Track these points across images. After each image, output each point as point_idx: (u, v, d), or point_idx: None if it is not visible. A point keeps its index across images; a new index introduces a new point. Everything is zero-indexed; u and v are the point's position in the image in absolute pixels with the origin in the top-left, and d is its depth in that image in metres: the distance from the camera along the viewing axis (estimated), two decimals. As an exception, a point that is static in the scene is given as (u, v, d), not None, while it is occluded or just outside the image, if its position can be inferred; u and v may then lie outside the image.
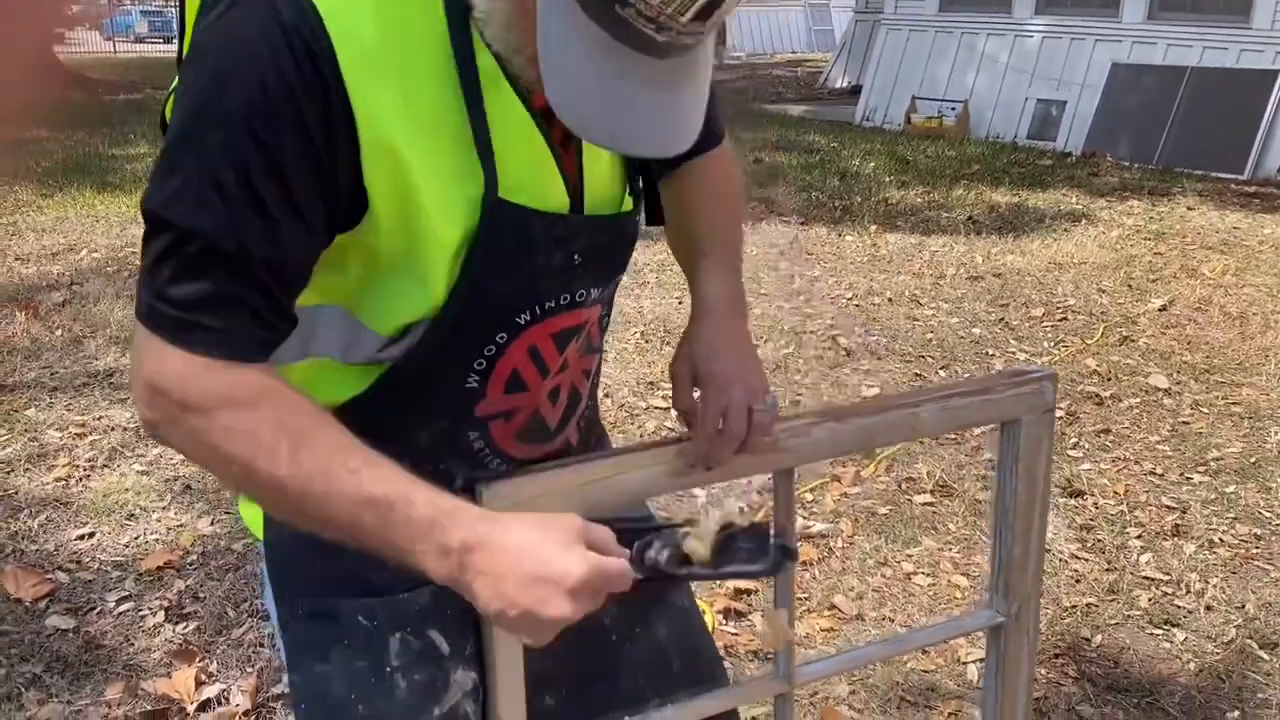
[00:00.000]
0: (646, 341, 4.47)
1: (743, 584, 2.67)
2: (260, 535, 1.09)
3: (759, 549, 0.94)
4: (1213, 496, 3.18)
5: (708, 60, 0.90)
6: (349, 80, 0.84)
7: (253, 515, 1.11)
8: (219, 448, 0.85)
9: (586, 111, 0.84)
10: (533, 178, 0.95)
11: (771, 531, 0.95)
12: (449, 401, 1.02)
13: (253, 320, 0.86)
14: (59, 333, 4.37)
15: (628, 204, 1.07)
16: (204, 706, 2.20)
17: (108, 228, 6.20)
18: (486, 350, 1.00)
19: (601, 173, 1.03)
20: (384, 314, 0.96)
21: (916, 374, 4.19)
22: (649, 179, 1.12)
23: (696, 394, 1.13)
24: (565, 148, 0.99)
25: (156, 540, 2.83)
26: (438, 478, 1.01)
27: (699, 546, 0.92)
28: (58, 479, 3.13)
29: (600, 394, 3.81)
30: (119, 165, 8.19)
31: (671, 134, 0.88)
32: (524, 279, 0.97)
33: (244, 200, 0.83)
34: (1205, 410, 3.83)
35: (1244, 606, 2.62)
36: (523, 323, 1.00)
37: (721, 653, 2.38)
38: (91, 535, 2.84)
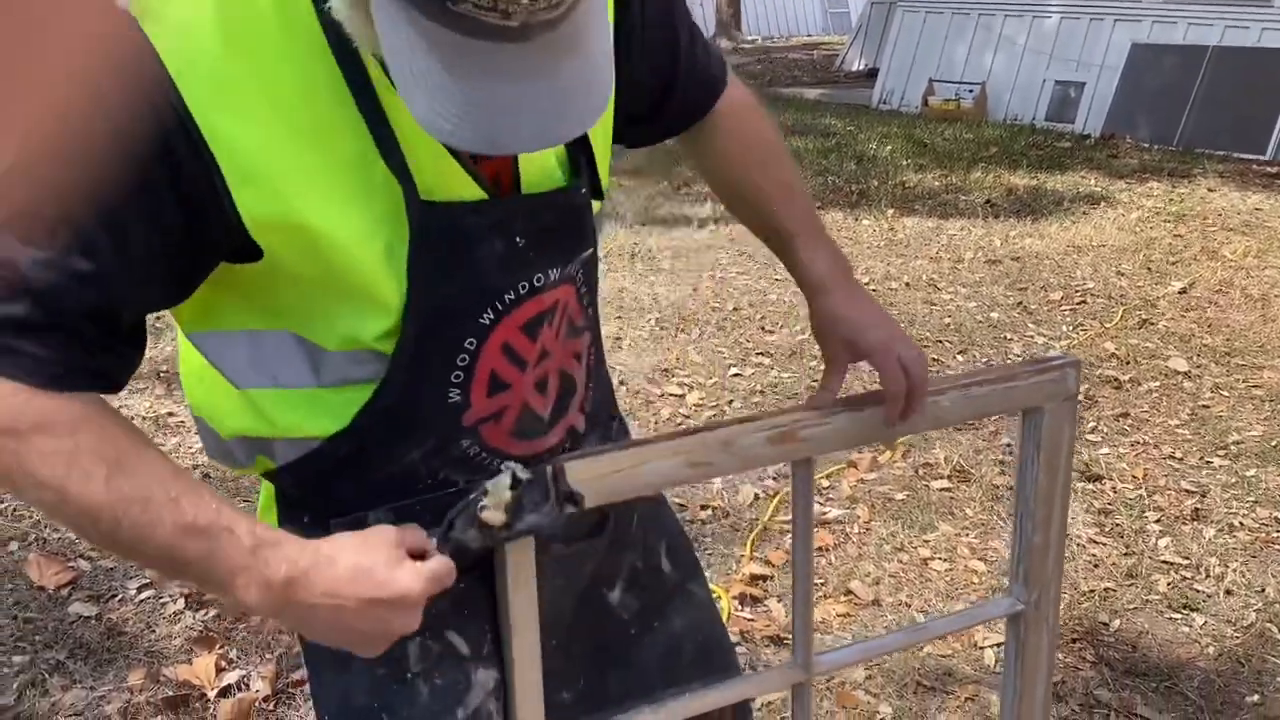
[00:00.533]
0: (661, 329, 4.47)
1: (757, 570, 2.67)
2: None
3: (546, 499, 0.96)
4: (1233, 480, 3.16)
5: (591, 22, 0.81)
6: (196, 115, 0.80)
7: (270, 522, 1.11)
8: (32, 473, 0.81)
9: (456, 122, 0.78)
10: (441, 177, 0.92)
11: (552, 480, 0.96)
12: (435, 419, 0.99)
13: (79, 349, 0.82)
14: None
15: (560, 180, 1.02)
16: (224, 692, 2.22)
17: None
18: (460, 360, 0.97)
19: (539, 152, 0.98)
20: (335, 335, 0.94)
21: (934, 359, 4.17)
22: (588, 151, 1.06)
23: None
24: None
25: (176, 528, 2.85)
26: (437, 488, 1.02)
27: (495, 514, 0.93)
28: (78, 468, 3.16)
29: (615, 381, 3.83)
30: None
31: (561, 119, 0.81)
32: (472, 275, 0.94)
33: (66, 244, 0.79)
34: (1226, 393, 3.80)
35: (1264, 590, 2.60)
36: (487, 323, 0.97)
37: (737, 639, 2.39)
38: (112, 523, 2.87)
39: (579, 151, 1.04)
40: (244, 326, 0.95)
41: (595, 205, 1.07)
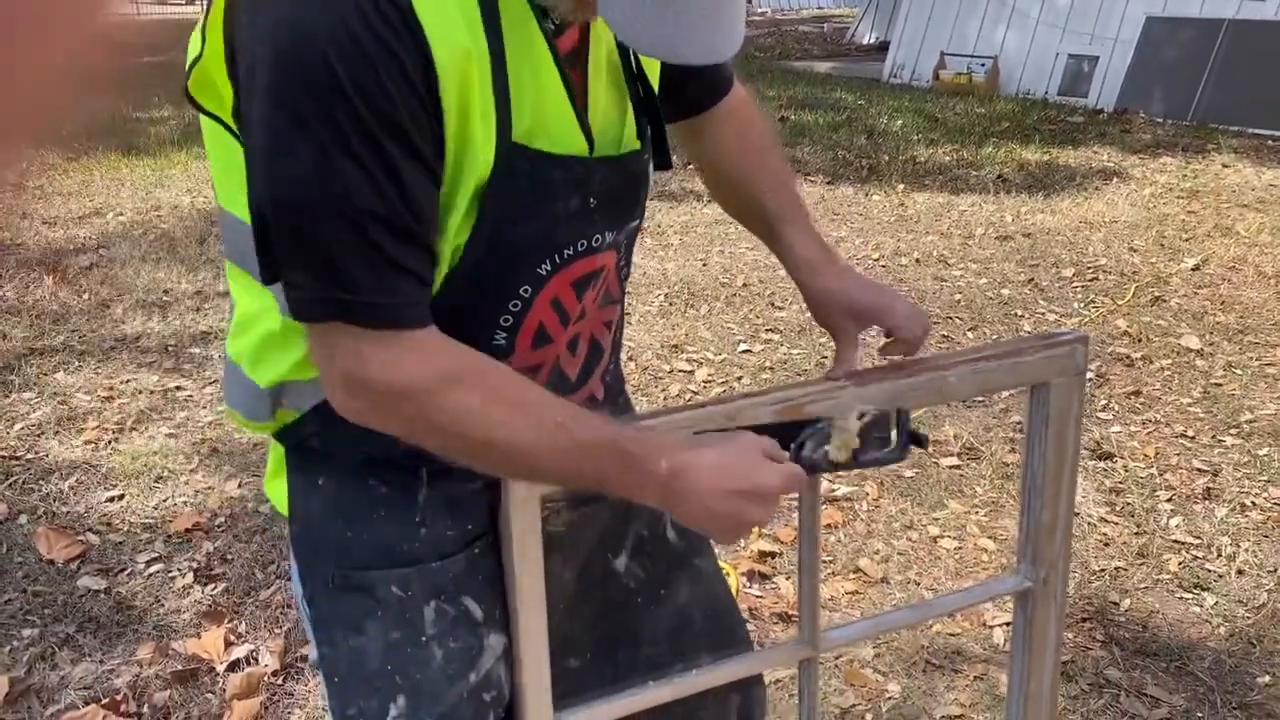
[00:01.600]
0: (670, 304, 4.45)
1: (766, 547, 2.66)
2: (285, 510, 1.09)
3: (889, 438, 1.06)
4: (1245, 459, 3.14)
5: None
6: (423, 18, 0.83)
7: (277, 491, 1.10)
8: (444, 427, 0.89)
9: (646, 27, 0.84)
10: (552, 121, 0.94)
11: (896, 420, 1.06)
12: None
13: (419, 285, 0.88)
14: (86, 297, 4.40)
15: (634, 144, 1.05)
16: (233, 666, 2.23)
17: (133, 191, 6.22)
18: (512, 306, 0.98)
19: (608, 112, 1.02)
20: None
21: (944, 335, 4.15)
22: (657, 121, 1.09)
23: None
24: (581, 89, 0.98)
25: (185, 502, 2.86)
26: None
27: (842, 443, 1.04)
28: (87, 442, 3.16)
29: (624, 356, 3.82)
30: (143, 128, 8.21)
31: (725, 39, 0.88)
32: (543, 225, 0.96)
33: (379, 164, 0.82)
34: (1238, 371, 3.77)
35: (1276, 570, 2.59)
36: (544, 273, 0.99)
37: (746, 616, 2.38)
38: (121, 498, 2.87)
39: (647, 118, 1.06)
40: None
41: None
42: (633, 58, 1.05)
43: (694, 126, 1.24)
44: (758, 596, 2.49)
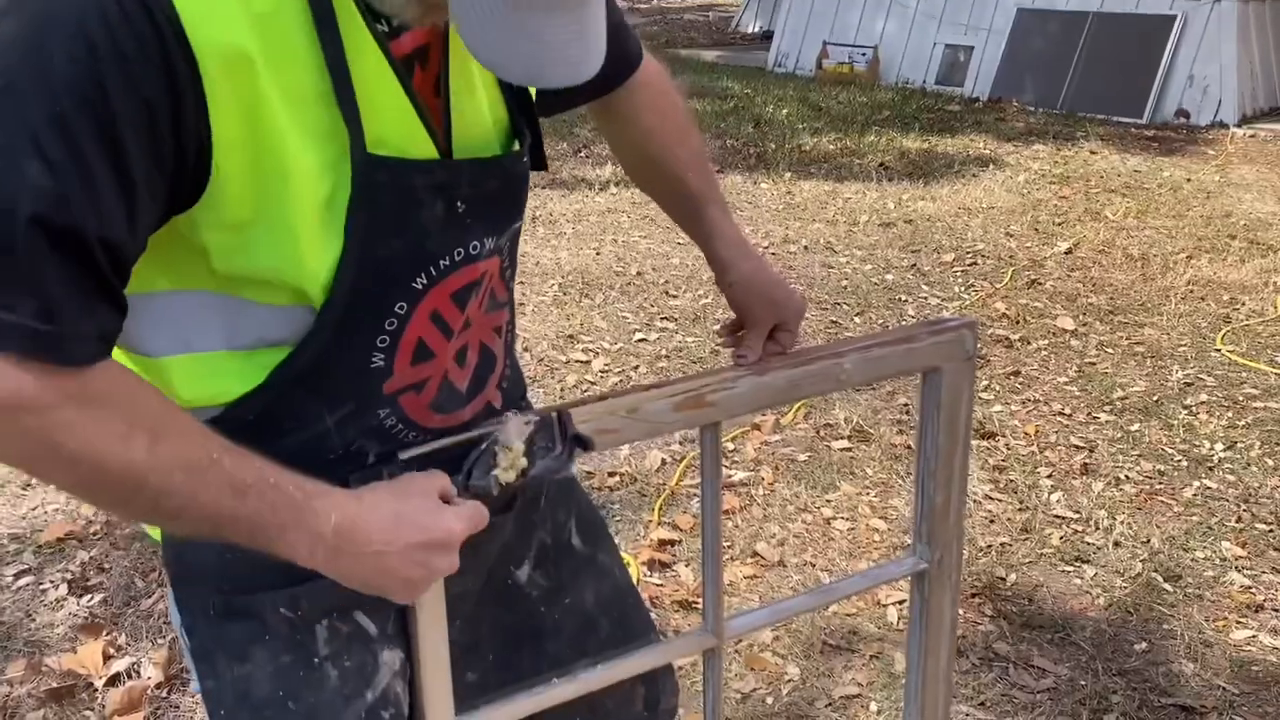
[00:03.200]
0: (564, 294, 4.42)
1: (665, 535, 2.67)
2: (157, 535, 1.02)
3: (557, 445, 1.01)
4: (1119, 435, 3.28)
5: None
6: (186, 20, 0.75)
7: None
8: (62, 446, 0.75)
9: (501, 50, 0.79)
10: (396, 129, 0.89)
11: (559, 424, 1.01)
12: (354, 384, 0.95)
13: (90, 314, 0.76)
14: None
15: (507, 145, 1.01)
16: (113, 681, 2.13)
17: None
18: (388, 324, 0.93)
19: (474, 115, 0.97)
20: (257, 288, 0.88)
21: (833, 321, 4.23)
22: (534, 121, 1.06)
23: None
24: (433, 95, 0.93)
25: (56, 510, 2.71)
26: (349, 458, 0.97)
27: (510, 462, 0.97)
28: (-54, 449, 2.97)
29: (519, 347, 3.76)
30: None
31: (585, 58, 0.83)
32: (411, 236, 0.91)
33: (72, 170, 0.72)
34: (1110, 350, 3.94)
35: (1149, 541, 2.71)
36: (420, 288, 0.94)
37: (647, 604, 2.38)
38: (-15, 507, 2.72)
39: (522, 118, 1.02)
40: (160, 288, 0.88)
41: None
42: None
43: (607, 105, 1.21)
44: (658, 585, 2.49)
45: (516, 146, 1.01)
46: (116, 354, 0.91)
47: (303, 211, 0.85)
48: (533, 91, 1.05)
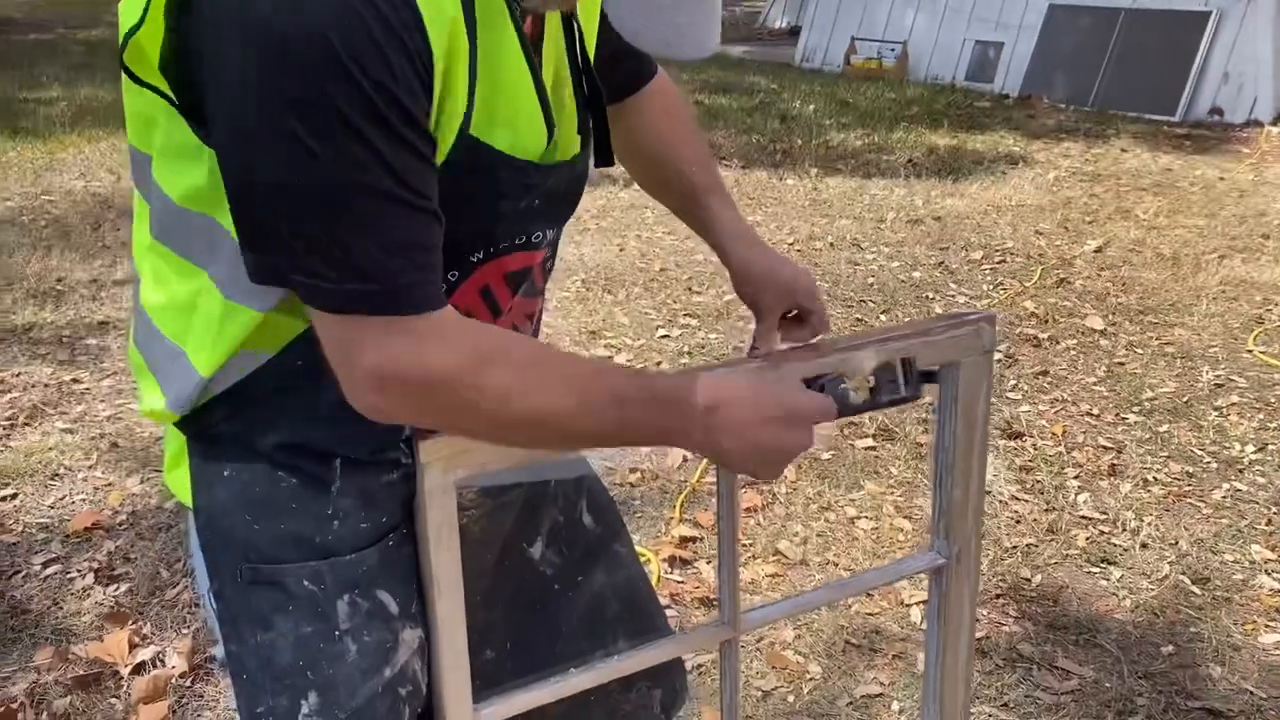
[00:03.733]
0: (588, 290, 4.42)
1: (686, 532, 2.66)
2: (189, 502, 1.03)
3: (899, 383, 1.10)
4: (1147, 436, 3.24)
5: None
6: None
7: (179, 481, 1.05)
8: (476, 406, 0.86)
9: (638, 17, 0.83)
10: (515, 115, 0.91)
11: (903, 364, 1.10)
12: None
13: (431, 263, 0.85)
14: (-26, 285, 4.20)
15: (577, 144, 1.04)
16: (138, 669, 2.14)
17: (21, 175, 5.94)
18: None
19: (562, 112, 1.00)
20: None
21: (858, 319, 4.20)
22: (602, 117, 1.08)
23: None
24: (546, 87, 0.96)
25: (84, 500, 2.74)
26: (387, 425, 0.96)
27: (859, 384, 1.07)
28: (-23, 438, 3.01)
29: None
30: (30, 109, 7.84)
31: (708, 29, 0.86)
32: (483, 223, 0.94)
33: (385, 140, 0.79)
34: (1140, 351, 3.90)
35: (1177, 543, 2.67)
36: (475, 261, 0.96)
37: (667, 601, 2.38)
38: (14, 496, 2.74)
39: (593, 117, 1.05)
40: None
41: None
42: (579, 50, 1.03)
43: (620, 108, 1.23)
44: (679, 582, 2.48)
45: (581, 146, 1.04)
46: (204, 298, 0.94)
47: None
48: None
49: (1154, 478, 2.99)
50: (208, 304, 0.94)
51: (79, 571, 2.45)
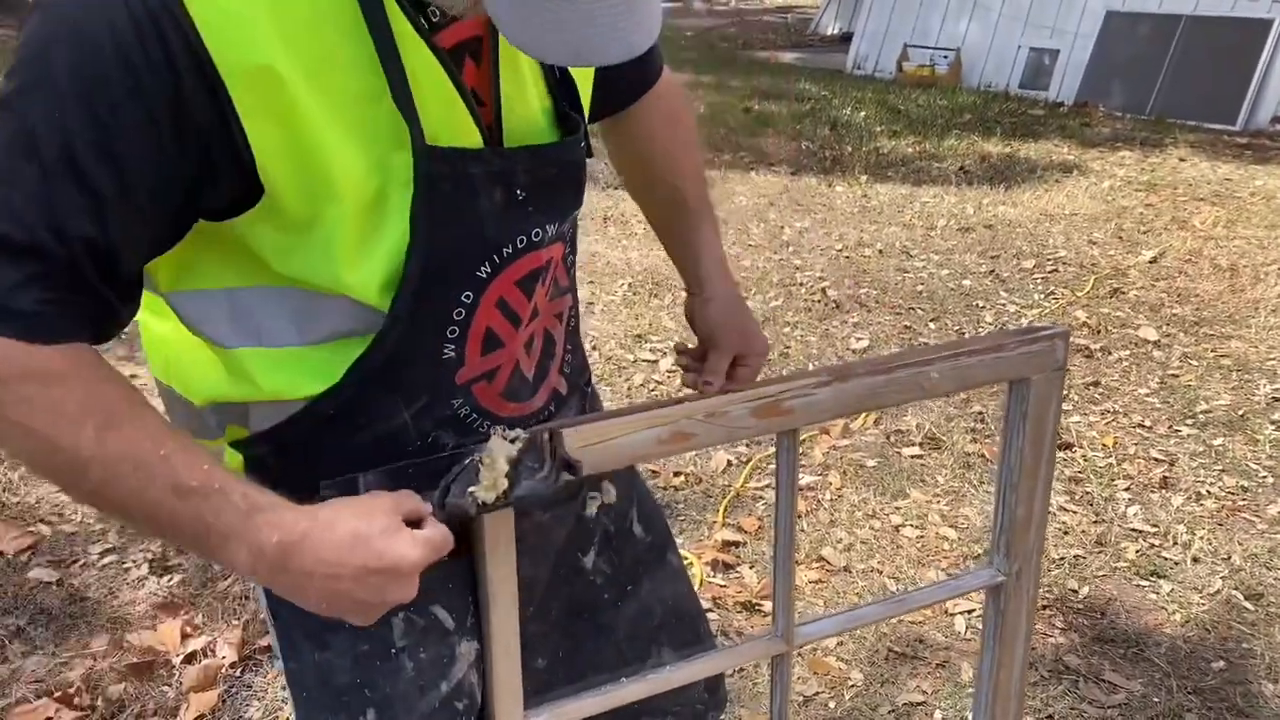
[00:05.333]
0: (634, 294, 4.43)
1: (729, 536, 2.66)
2: None
3: (543, 466, 0.94)
4: (1200, 449, 3.18)
5: None
6: (210, 44, 0.77)
7: None
8: (19, 421, 0.79)
9: (542, 33, 0.77)
10: (445, 120, 0.89)
11: (549, 444, 0.95)
12: (428, 376, 0.97)
13: (72, 289, 0.79)
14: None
15: (557, 132, 1.01)
16: (190, 659, 2.19)
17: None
18: (456, 314, 0.95)
19: (524, 106, 0.97)
20: (326, 283, 0.90)
21: (906, 326, 4.17)
22: (577, 106, 1.05)
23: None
24: (489, 87, 0.94)
25: (140, 492, 2.80)
26: (426, 451, 0.99)
27: (491, 485, 0.90)
28: (39, 431, 3.09)
29: (588, 346, 3.79)
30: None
31: (635, 30, 0.80)
32: (471, 224, 0.92)
33: (63, 175, 0.76)
34: (1194, 363, 3.83)
35: (1230, 558, 2.63)
36: (485, 275, 0.95)
37: (710, 605, 2.38)
38: (74, 487, 2.81)
39: (571, 105, 1.02)
40: (225, 284, 0.91)
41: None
42: None
43: (623, 114, 1.22)
44: (721, 586, 2.49)
45: (562, 134, 1.01)
46: (196, 342, 0.95)
47: (346, 215, 0.86)
48: (589, 84, 1.07)
49: (1207, 491, 2.94)
50: (178, 339, 0.97)
51: (134, 562, 2.51)
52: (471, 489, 0.90)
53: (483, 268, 0.95)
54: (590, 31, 0.77)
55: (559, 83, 1.01)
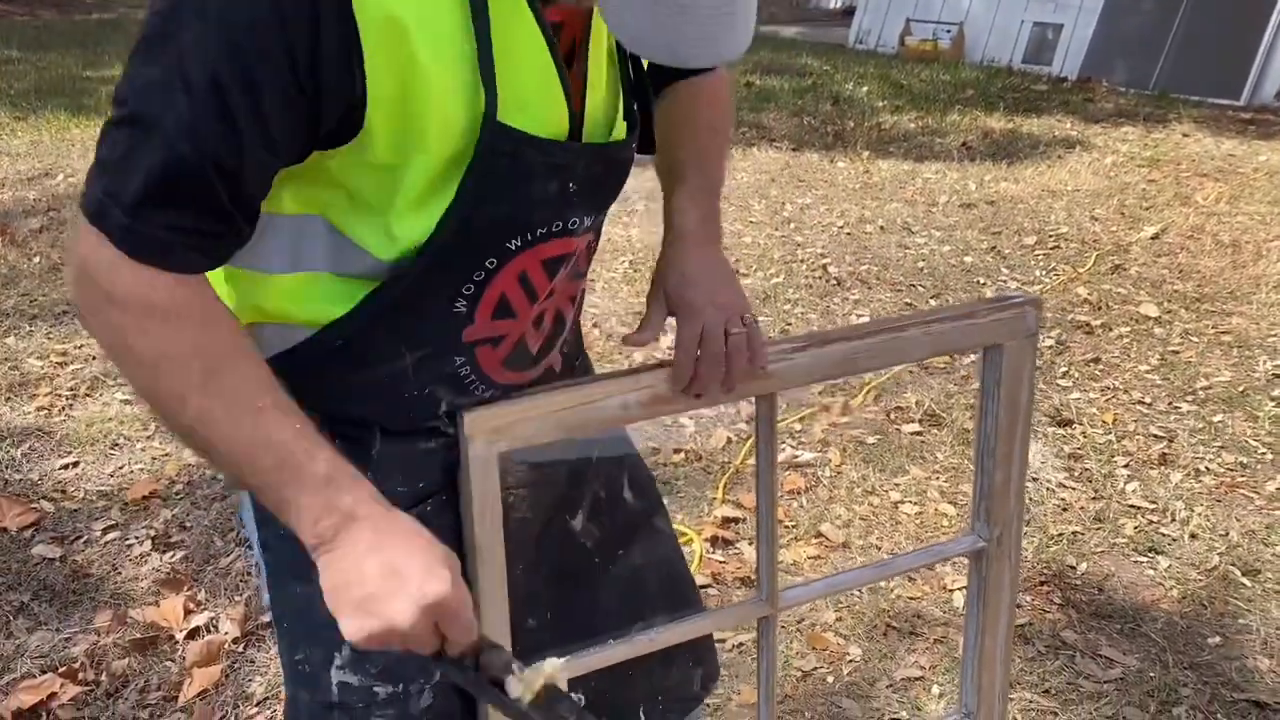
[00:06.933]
0: (635, 271, 4.43)
1: (729, 513, 2.67)
2: None
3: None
4: (1200, 425, 3.19)
5: None
6: None
7: None
8: (133, 348, 0.84)
9: (642, 23, 0.79)
10: (536, 98, 0.91)
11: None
12: (436, 325, 0.99)
13: (197, 232, 0.83)
14: (37, 260, 4.30)
15: (622, 130, 1.03)
16: (193, 634, 2.21)
17: (84, 151, 6.08)
18: (475, 275, 0.97)
19: (601, 97, 1.00)
20: (371, 233, 0.93)
21: (907, 303, 4.17)
22: (646, 105, 1.08)
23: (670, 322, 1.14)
24: (570, 68, 0.95)
25: (141, 469, 2.81)
26: (423, 403, 1.01)
27: (519, 686, 0.88)
28: (39, 408, 3.10)
29: (589, 324, 3.80)
30: (93, 87, 8.00)
31: (731, 36, 0.81)
32: (518, 207, 0.94)
33: (211, 105, 0.79)
34: (1195, 339, 3.83)
35: (1227, 534, 2.63)
36: (513, 249, 0.97)
37: (709, 581, 2.39)
38: (75, 465, 2.83)
39: (636, 103, 1.03)
40: (285, 210, 0.93)
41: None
42: None
43: (669, 89, 1.21)
44: (720, 562, 2.50)
45: (625, 132, 1.03)
46: (234, 271, 0.97)
47: (428, 166, 0.88)
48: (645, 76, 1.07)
49: (1206, 468, 2.95)
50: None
51: (137, 538, 2.52)
52: (509, 679, 0.87)
53: (513, 240, 0.96)
54: (691, 31, 0.79)
55: (629, 75, 1.03)
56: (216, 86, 0.78)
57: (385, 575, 0.84)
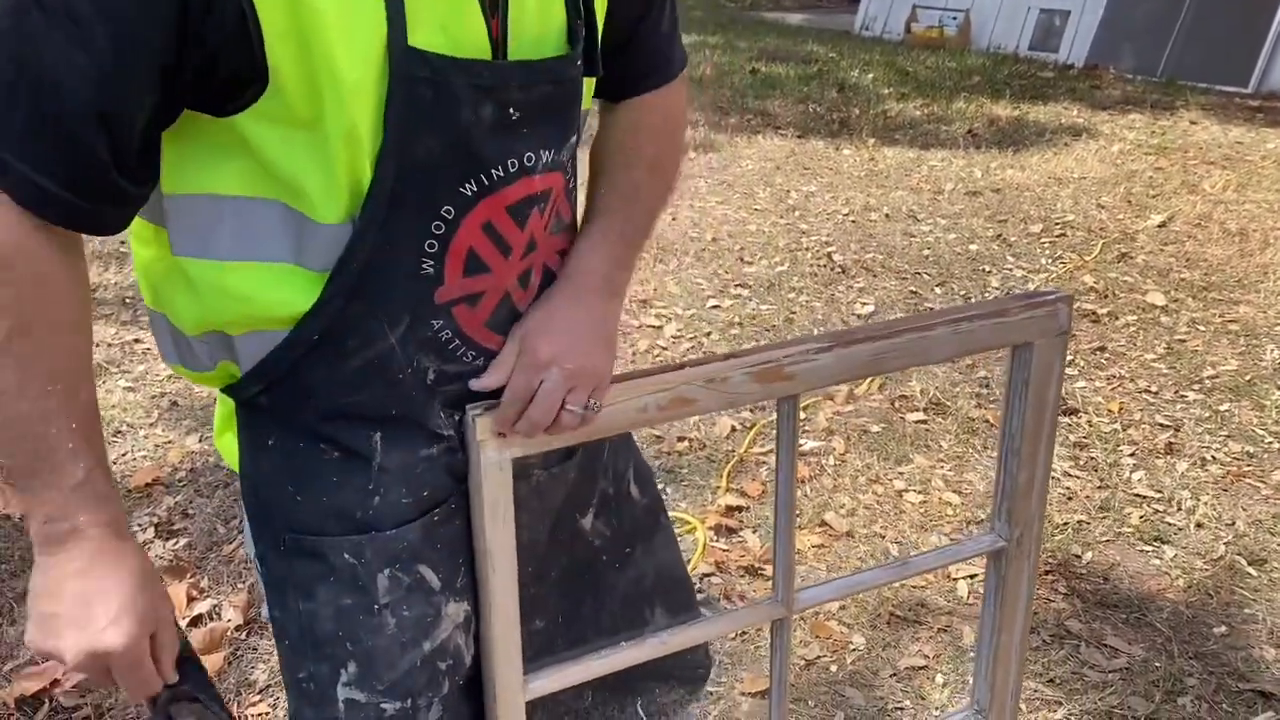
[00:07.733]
0: (639, 258, 4.41)
1: (732, 501, 2.66)
2: (236, 467, 1.05)
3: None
4: (1206, 414, 3.17)
5: None
6: None
7: (228, 446, 1.07)
8: None
9: None
10: (450, 17, 0.85)
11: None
12: (407, 291, 0.94)
13: (66, 175, 0.79)
14: (42, 247, 4.30)
15: (561, 48, 0.94)
16: (195, 622, 2.20)
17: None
18: (435, 228, 0.92)
19: (532, 12, 0.91)
20: (318, 196, 0.87)
21: (912, 291, 4.15)
22: (591, 23, 0.98)
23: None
24: None
25: (144, 457, 2.81)
26: (414, 377, 0.97)
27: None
28: (44, 395, 3.10)
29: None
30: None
31: None
32: (455, 141, 0.88)
33: (61, 27, 0.75)
34: (1202, 328, 3.81)
35: (1234, 524, 2.62)
36: (469, 194, 0.91)
37: (713, 569, 2.39)
38: (79, 452, 2.82)
39: (579, 19, 0.95)
40: (230, 191, 0.89)
41: (588, 82, 1.00)
42: None
43: (615, 106, 1.13)
44: (724, 550, 2.49)
45: (568, 50, 0.95)
46: (184, 264, 0.93)
47: (353, 104, 0.83)
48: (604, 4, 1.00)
49: (1212, 457, 2.94)
50: (165, 264, 0.95)
51: (140, 526, 2.52)
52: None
53: (467, 184, 0.91)
54: None
55: None
56: (70, 11, 0.75)
57: (77, 604, 0.85)
